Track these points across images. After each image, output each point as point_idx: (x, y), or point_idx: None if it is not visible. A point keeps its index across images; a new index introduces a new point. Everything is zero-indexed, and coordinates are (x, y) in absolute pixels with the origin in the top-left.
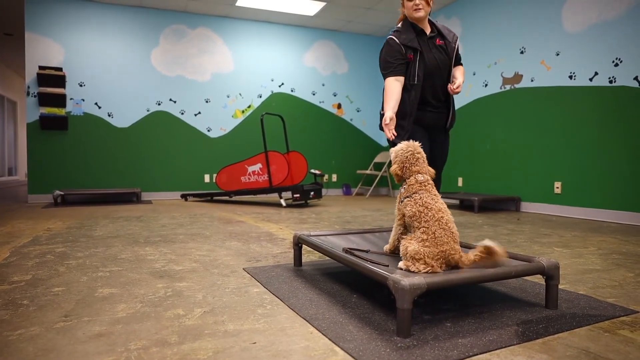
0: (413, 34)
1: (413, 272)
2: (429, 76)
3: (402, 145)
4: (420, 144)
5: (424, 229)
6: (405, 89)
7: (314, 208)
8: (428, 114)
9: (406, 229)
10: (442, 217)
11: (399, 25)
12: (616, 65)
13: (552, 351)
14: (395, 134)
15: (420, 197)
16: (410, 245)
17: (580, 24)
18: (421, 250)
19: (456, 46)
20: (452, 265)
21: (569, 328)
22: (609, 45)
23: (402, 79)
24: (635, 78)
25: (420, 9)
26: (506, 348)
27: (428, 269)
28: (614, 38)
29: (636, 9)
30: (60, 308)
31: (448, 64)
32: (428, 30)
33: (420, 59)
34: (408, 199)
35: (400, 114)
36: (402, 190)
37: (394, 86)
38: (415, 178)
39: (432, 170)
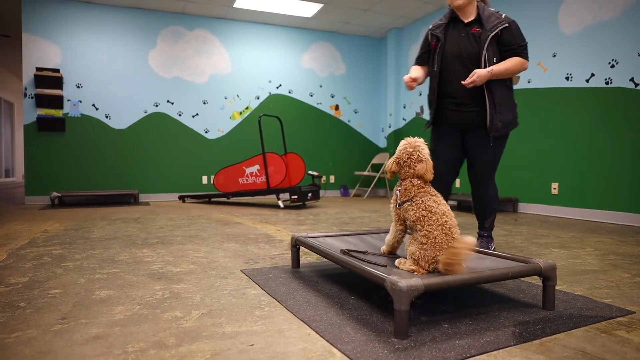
0: (445, 22)
1: (402, 269)
2: (447, 65)
3: (405, 141)
4: (431, 143)
5: (426, 232)
6: (429, 77)
7: (312, 209)
8: (449, 112)
9: (407, 230)
10: (445, 221)
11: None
12: (612, 66)
13: (549, 352)
14: (409, 78)
15: (423, 201)
16: (410, 246)
17: (576, 25)
18: (417, 253)
19: (493, 33)
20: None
21: (566, 329)
22: (605, 46)
23: (423, 66)
24: (632, 79)
25: None
26: (503, 349)
27: (414, 269)
28: (609, 39)
29: (630, 11)
30: (58, 310)
31: (475, 54)
32: (470, 18)
33: (441, 48)
34: (408, 203)
35: (428, 102)
36: (397, 192)
37: (414, 69)
38: (411, 182)
39: (429, 175)
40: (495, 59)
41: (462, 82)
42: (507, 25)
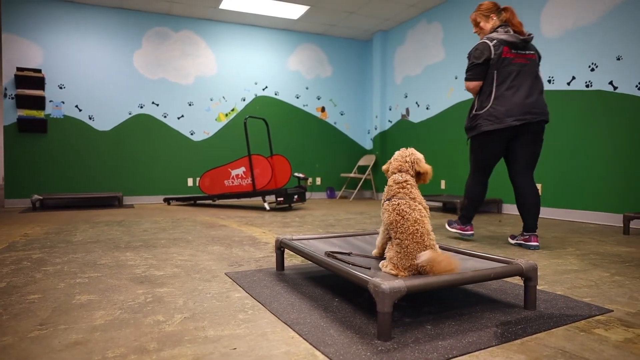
0: None
1: (384, 272)
2: None
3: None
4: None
5: (399, 241)
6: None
7: (298, 212)
8: None
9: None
10: (416, 230)
11: None
12: (592, 70)
13: (529, 352)
14: None
15: (398, 204)
16: (388, 252)
17: (557, 29)
18: (395, 258)
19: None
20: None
21: (547, 328)
22: (585, 50)
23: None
24: (610, 82)
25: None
26: (485, 350)
27: (394, 273)
28: (589, 44)
29: (608, 16)
30: (36, 316)
31: None
32: None
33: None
34: (387, 202)
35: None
36: (385, 190)
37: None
38: (393, 178)
39: (428, 178)
40: None
41: None
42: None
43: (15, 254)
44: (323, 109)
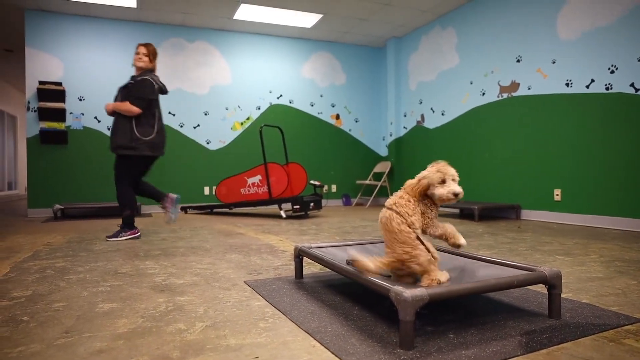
0: None
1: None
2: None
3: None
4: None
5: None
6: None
7: (314, 219)
8: None
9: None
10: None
11: None
12: (612, 72)
13: None
14: None
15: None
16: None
17: (575, 31)
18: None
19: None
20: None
21: (573, 338)
22: (604, 52)
23: None
24: (632, 84)
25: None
26: (510, 359)
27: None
28: (608, 45)
29: (628, 16)
30: (61, 324)
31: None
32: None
33: None
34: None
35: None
36: None
37: None
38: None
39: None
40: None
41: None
42: (132, 82)
43: (40, 263)
44: (338, 117)
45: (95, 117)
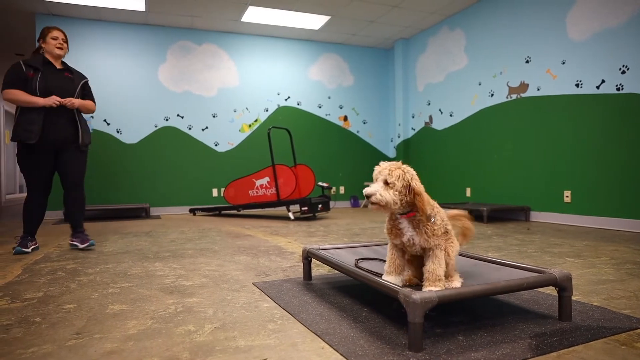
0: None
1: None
2: (47, 94)
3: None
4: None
5: None
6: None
7: (322, 221)
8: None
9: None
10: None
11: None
12: (623, 72)
13: None
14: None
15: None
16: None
17: (584, 32)
18: None
19: (82, 82)
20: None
21: (584, 341)
22: (615, 52)
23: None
24: None
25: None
26: None
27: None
28: (619, 45)
29: (638, 16)
30: (72, 325)
31: (72, 90)
32: (60, 67)
33: (42, 80)
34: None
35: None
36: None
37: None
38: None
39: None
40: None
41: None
42: (87, 80)
43: (51, 265)
44: (345, 118)
45: (105, 120)
